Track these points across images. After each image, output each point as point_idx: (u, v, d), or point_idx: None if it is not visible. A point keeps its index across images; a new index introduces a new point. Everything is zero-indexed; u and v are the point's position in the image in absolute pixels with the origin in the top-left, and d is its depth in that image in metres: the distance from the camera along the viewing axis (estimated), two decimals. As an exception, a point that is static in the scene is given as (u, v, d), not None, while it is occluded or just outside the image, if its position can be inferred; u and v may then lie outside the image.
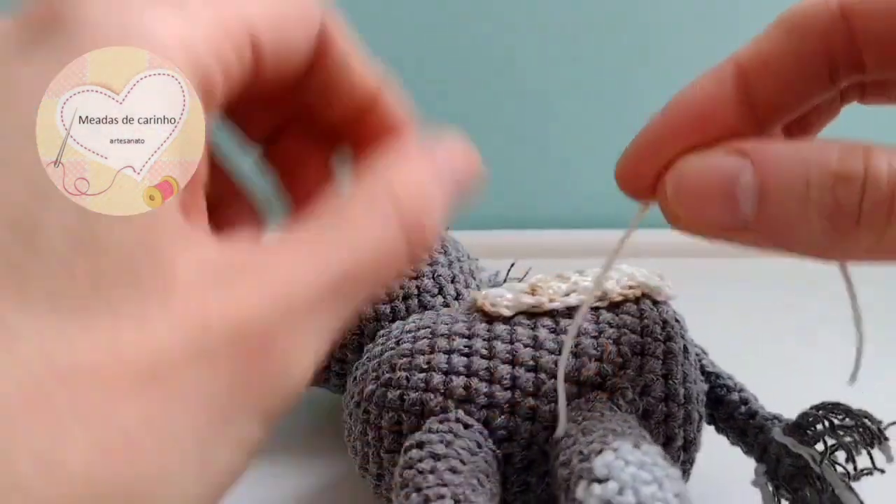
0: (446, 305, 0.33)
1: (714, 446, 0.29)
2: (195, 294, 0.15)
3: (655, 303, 0.28)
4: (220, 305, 0.15)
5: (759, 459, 0.28)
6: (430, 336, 0.27)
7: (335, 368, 0.34)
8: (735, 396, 0.29)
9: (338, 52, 0.20)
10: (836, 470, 0.25)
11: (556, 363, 0.25)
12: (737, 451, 0.29)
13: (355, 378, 0.28)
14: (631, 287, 0.28)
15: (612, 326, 0.27)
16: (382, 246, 0.17)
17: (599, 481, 0.18)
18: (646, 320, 0.27)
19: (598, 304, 0.27)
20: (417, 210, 0.18)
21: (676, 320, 0.28)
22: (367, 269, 0.17)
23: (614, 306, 0.27)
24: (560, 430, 0.23)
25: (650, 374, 0.26)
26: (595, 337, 0.26)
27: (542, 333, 0.26)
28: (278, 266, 0.16)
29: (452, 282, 0.34)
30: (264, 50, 0.18)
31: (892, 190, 0.17)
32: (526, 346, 0.26)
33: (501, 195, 0.68)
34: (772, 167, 0.18)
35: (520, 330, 0.26)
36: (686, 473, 0.27)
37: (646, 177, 0.22)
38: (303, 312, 0.16)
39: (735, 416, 0.29)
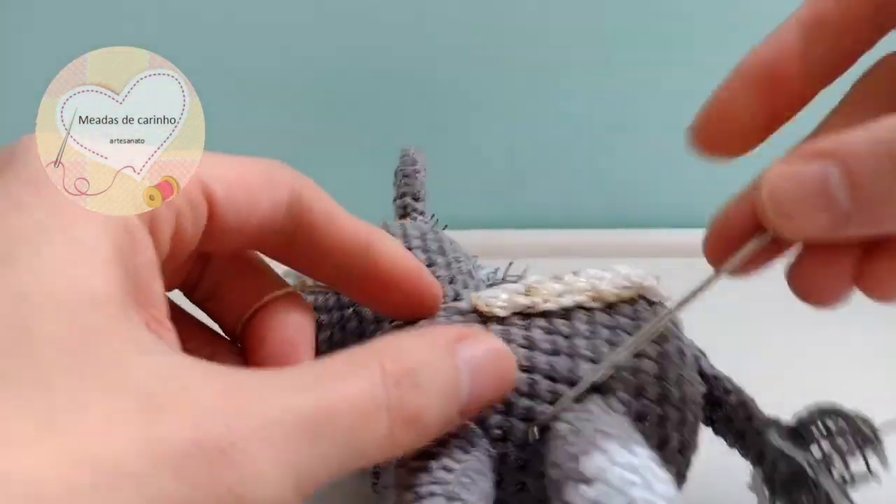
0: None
1: (711, 450, 0.29)
2: (146, 400, 0.15)
3: (651, 303, 0.28)
4: (176, 415, 0.15)
5: (755, 463, 0.28)
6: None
7: (334, 368, 0.34)
8: (733, 399, 0.29)
9: (318, 212, 0.23)
10: (831, 474, 0.25)
11: (550, 363, 0.25)
12: (734, 455, 0.29)
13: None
14: (626, 287, 0.28)
15: (606, 327, 0.27)
16: (360, 402, 0.17)
17: (588, 482, 0.18)
18: (640, 321, 0.27)
19: (592, 304, 0.27)
20: (407, 381, 0.19)
21: (672, 321, 0.28)
22: (343, 419, 0.17)
23: (609, 307, 0.28)
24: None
25: (644, 376, 0.26)
26: (589, 338, 0.26)
27: (537, 334, 0.26)
28: (254, 388, 0.16)
29: (451, 283, 0.34)
30: (220, 202, 0.20)
31: None
32: (521, 346, 0.26)
33: (500, 194, 0.68)
34: (855, 161, 0.19)
35: (514, 330, 0.27)
36: (682, 476, 0.27)
37: (728, 133, 0.24)
38: (270, 439, 0.15)
39: (733, 418, 0.29)
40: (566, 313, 0.27)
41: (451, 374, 0.20)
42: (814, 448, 0.26)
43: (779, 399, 0.29)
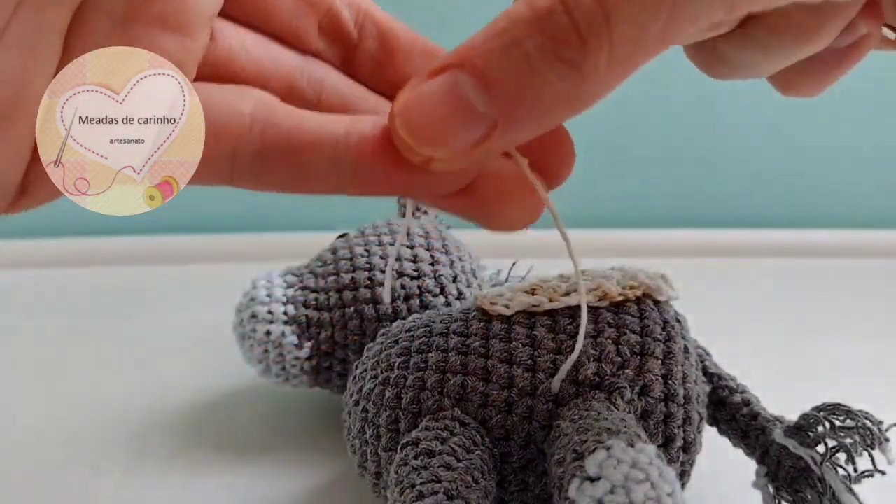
0: (448, 305, 0.33)
1: (715, 448, 0.29)
2: None
3: (657, 303, 0.28)
4: None
5: (760, 461, 0.28)
6: (428, 335, 0.27)
7: (337, 369, 0.34)
8: (737, 398, 0.29)
9: None
10: (836, 471, 0.25)
11: (553, 362, 0.25)
12: (738, 453, 0.29)
13: (355, 377, 0.28)
14: (632, 287, 0.28)
15: (611, 326, 0.27)
16: None
17: (591, 480, 0.18)
18: (646, 320, 0.27)
19: (598, 303, 0.27)
20: None
21: (678, 320, 0.28)
22: None
23: (615, 306, 0.27)
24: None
25: (649, 375, 0.26)
26: (594, 336, 0.26)
27: (541, 333, 0.26)
28: None
29: (454, 281, 0.34)
30: None
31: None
32: (524, 345, 0.26)
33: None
34: (477, 57, 0.17)
35: (518, 329, 0.26)
36: (686, 474, 0.27)
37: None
38: None
39: (737, 417, 0.29)
40: (572, 312, 0.27)
41: None
42: (819, 446, 0.26)
43: (783, 398, 0.29)
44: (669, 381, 0.26)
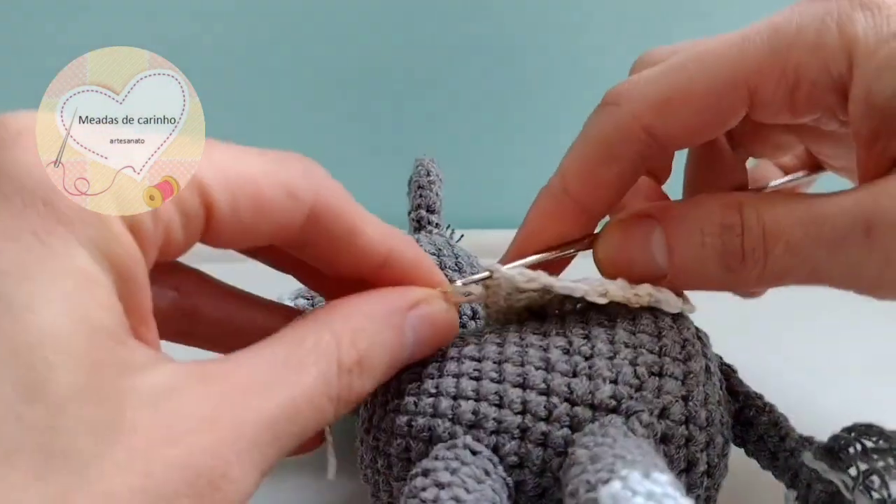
0: (463, 326, 0.33)
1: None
2: (144, 437, 0.15)
3: (675, 319, 0.27)
4: (168, 450, 0.16)
5: (790, 485, 0.26)
6: (440, 359, 0.27)
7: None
8: (765, 418, 0.28)
9: (338, 229, 0.22)
10: (870, 496, 0.24)
11: (569, 385, 0.24)
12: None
13: (366, 404, 0.28)
14: (637, 295, 0.27)
15: (627, 346, 0.26)
16: (316, 397, 0.19)
17: (605, 513, 0.17)
18: (664, 339, 0.26)
19: (609, 307, 0.27)
20: (357, 368, 0.21)
21: (699, 338, 0.27)
22: (300, 416, 0.19)
23: (632, 324, 0.26)
24: None
25: (668, 396, 0.25)
26: (610, 358, 0.25)
27: (555, 355, 0.25)
28: (230, 402, 0.17)
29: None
30: (220, 214, 0.19)
31: (762, 234, 0.23)
32: (538, 368, 0.25)
33: (503, 194, 0.67)
34: (674, 225, 0.24)
35: (531, 352, 0.26)
36: (711, 500, 0.26)
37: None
38: (247, 449, 0.17)
39: (765, 438, 0.28)
40: (586, 334, 0.26)
41: (398, 345, 0.23)
42: (851, 469, 0.25)
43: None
44: (690, 403, 0.25)
